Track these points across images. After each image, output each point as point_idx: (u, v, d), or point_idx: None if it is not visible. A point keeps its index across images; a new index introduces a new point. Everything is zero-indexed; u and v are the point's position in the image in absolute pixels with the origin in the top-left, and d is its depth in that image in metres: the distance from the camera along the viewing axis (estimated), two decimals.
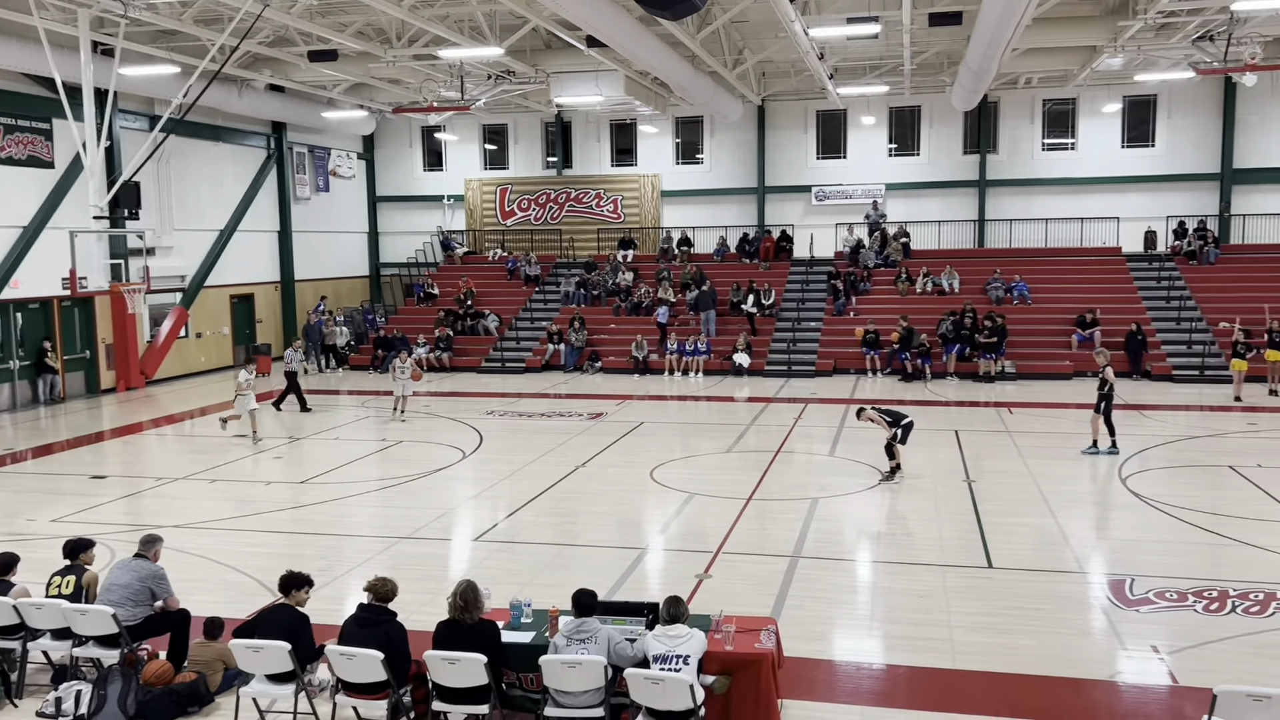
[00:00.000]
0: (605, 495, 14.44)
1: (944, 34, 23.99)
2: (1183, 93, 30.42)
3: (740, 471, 15.82)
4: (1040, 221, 31.84)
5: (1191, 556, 11.20)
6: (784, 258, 32.40)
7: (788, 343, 27.99)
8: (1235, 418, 19.97)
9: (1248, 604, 9.61)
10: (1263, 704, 6.07)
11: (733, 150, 34.16)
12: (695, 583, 10.52)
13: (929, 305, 28.40)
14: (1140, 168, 31.22)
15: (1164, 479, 14.96)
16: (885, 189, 32.81)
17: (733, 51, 26.21)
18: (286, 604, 7.63)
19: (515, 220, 35.91)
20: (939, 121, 32.44)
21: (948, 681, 8.18)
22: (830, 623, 9.50)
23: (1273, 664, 8.31)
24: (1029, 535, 12.17)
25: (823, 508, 13.52)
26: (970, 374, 25.65)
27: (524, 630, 7.59)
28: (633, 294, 30.89)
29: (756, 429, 19.57)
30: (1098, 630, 9.21)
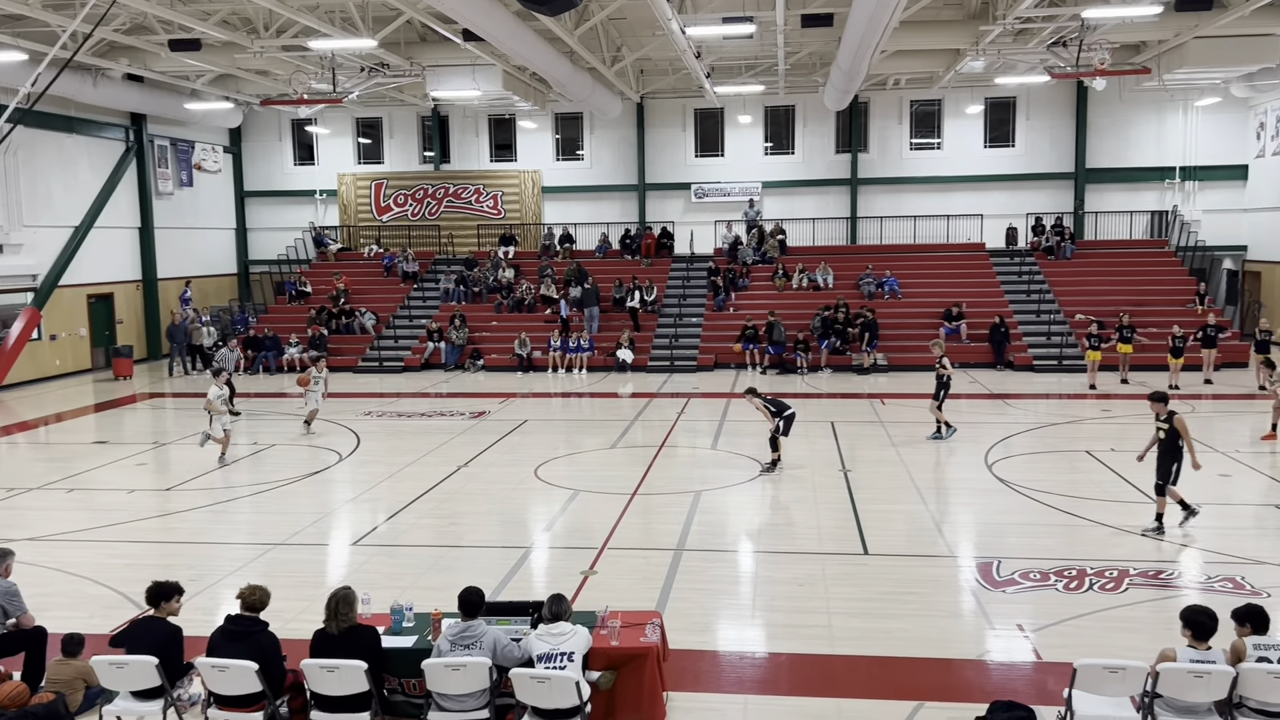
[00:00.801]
0: (488, 495, 14.28)
1: (816, 35, 24.57)
2: (1040, 95, 31.91)
3: (625, 467, 15.87)
4: (909, 219, 32.93)
5: (1052, 538, 11.75)
6: (665, 254, 32.67)
7: (670, 338, 28.23)
8: (1090, 405, 21.07)
9: (1104, 581, 10.15)
10: (1118, 675, 6.42)
11: (613, 147, 34.23)
12: (581, 579, 10.50)
13: (805, 300, 29.05)
14: (1001, 167, 32.61)
15: (1026, 464, 15.67)
16: (762, 187, 33.41)
17: (611, 49, 26.27)
18: (157, 616, 7.29)
19: (391, 216, 35.17)
20: (812, 121, 33.21)
21: (827, 666, 8.38)
22: (714, 614, 9.62)
23: (1127, 637, 8.78)
24: (902, 522, 12.57)
25: (705, 500, 13.68)
26: (844, 367, 26.37)
27: (405, 635, 7.44)
28: (514, 291, 30.66)
29: (640, 424, 19.67)
30: (968, 611, 9.58)
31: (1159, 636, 7.81)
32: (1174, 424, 11.60)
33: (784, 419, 15.11)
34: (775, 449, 15.23)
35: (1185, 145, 31.65)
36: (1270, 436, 16.67)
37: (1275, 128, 29.86)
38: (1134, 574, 10.34)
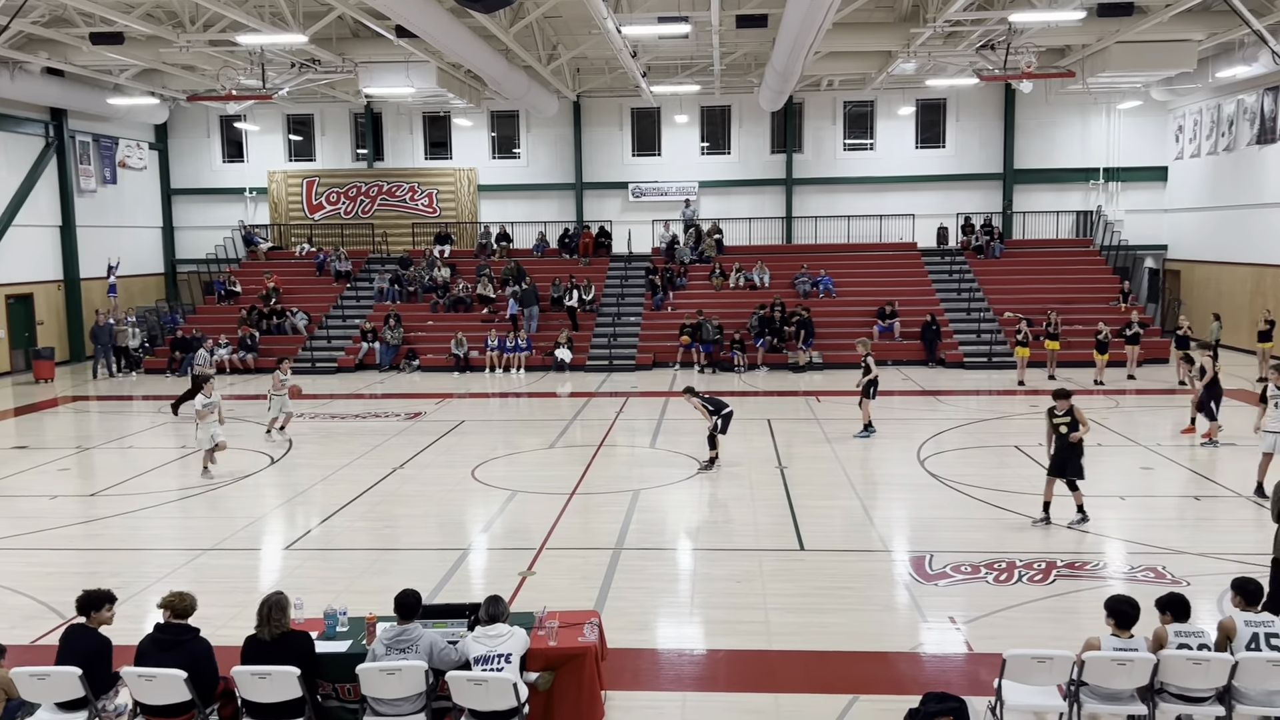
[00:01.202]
0: (425, 496, 14.14)
1: (751, 35, 24.75)
2: (969, 98, 32.54)
3: (563, 467, 15.83)
4: (843, 219, 33.35)
5: (983, 531, 12.00)
6: (603, 254, 32.65)
7: (608, 338, 28.23)
8: (1019, 401, 21.54)
9: (1032, 573, 10.39)
10: (1045, 664, 6.58)
11: (550, 145, 34.11)
12: (519, 580, 10.45)
13: (741, 299, 29.26)
14: (932, 167, 33.20)
15: (958, 460, 15.97)
16: (699, 186, 33.56)
17: (547, 47, 26.16)
18: (86, 626, 7.07)
19: (324, 214, 34.61)
20: (748, 121, 33.46)
21: (765, 662, 8.45)
22: (652, 612, 9.64)
23: (1055, 627, 9.00)
24: (838, 517, 12.73)
25: (644, 499, 13.70)
26: (780, 365, 26.62)
27: (339, 639, 7.33)
28: (451, 290, 30.39)
29: (579, 424, 19.63)
30: (902, 605, 9.73)
31: (1085, 626, 8.01)
32: (1074, 416, 11.86)
33: (722, 417, 15.20)
34: (713, 446, 15.31)
35: (1108, 147, 32.56)
36: (1190, 430, 17.20)
37: (1193, 131, 30.86)
38: (1061, 565, 10.60)
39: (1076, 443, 11.83)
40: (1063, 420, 11.94)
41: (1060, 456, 11.95)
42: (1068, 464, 11.91)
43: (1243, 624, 6.70)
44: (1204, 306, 29.01)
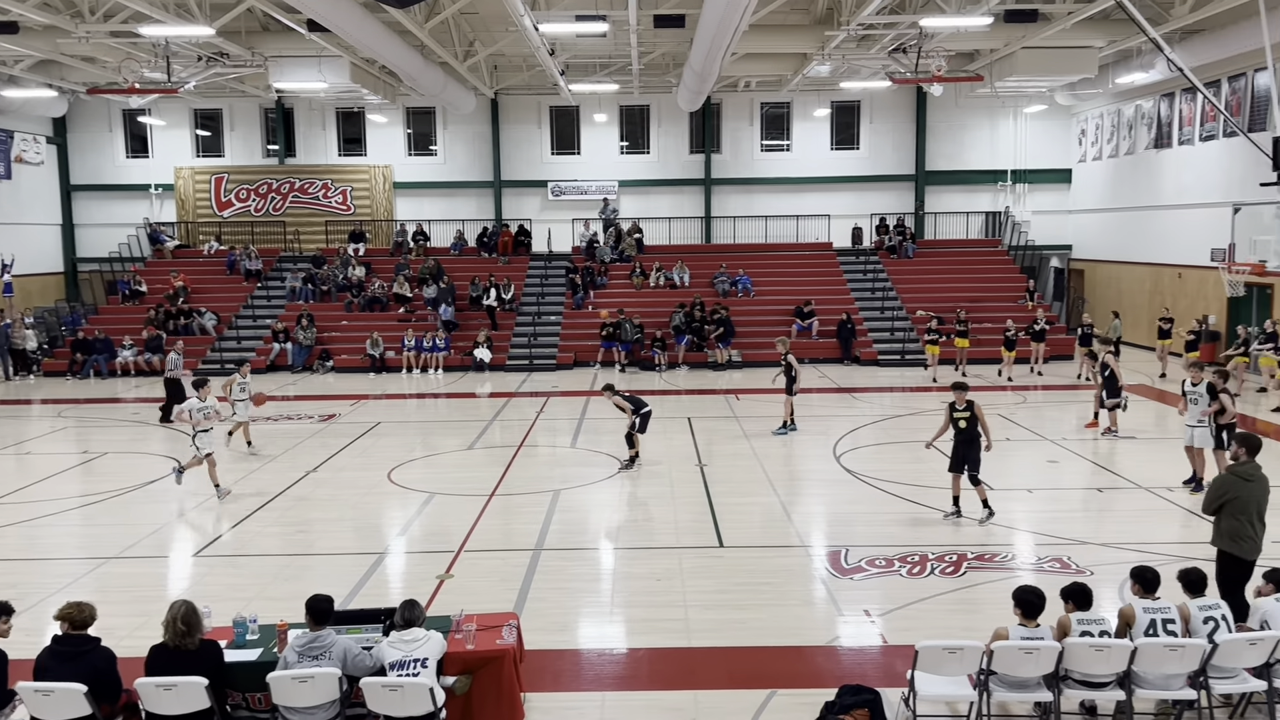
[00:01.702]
0: (339, 500, 13.86)
1: (669, 35, 24.85)
2: (882, 100, 33.18)
3: (483, 468, 15.68)
4: (761, 219, 33.72)
5: (897, 525, 12.23)
6: (523, 252, 32.45)
7: (528, 337, 28.06)
8: (931, 397, 22.02)
9: (944, 565, 10.63)
10: (956, 655, 6.73)
11: (467, 143, 33.77)
12: (437, 584, 10.31)
13: (662, 298, 29.37)
14: (847, 169, 33.76)
15: (872, 455, 16.26)
16: (618, 185, 33.58)
17: (463, 43, 25.90)
18: None
19: (233, 211, 33.71)
20: (667, 121, 33.60)
21: (684, 659, 8.48)
22: (573, 612, 9.60)
23: (966, 618, 9.21)
24: (757, 514, 12.85)
25: (565, 499, 13.65)
26: (700, 364, 26.80)
27: (250, 648, 7.14)
28: (366, 289, 29.88)
29: (499, 424, 19.47)
30: (819, 599, 9.86)
31: (994, 616, 8.21)
32: (974, 411, 12.16)
33: (640, 416, 15.22)
34: (632, 445, 15.32)
35: (1015, 150, 33.52)
36: (1093, 424, 17.80)
37: (1095, 135, 31.96)
38: (971, 558, 10.86)
39: (976, 438, 12.11)
40: (962, 415, 12.21)
41: (958, 451, 12.25)
42: (965, 458, 12.19)
43: (1141, 611, 6.95)
44: (1106, 305, 30.08)
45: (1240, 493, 8.15)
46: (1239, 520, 8.12)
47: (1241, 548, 8.14)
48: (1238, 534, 8.13)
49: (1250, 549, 8.16)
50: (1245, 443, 8.32)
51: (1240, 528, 8.12)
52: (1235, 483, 8.20)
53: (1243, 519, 8.11)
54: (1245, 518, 8.11)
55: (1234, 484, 8.21)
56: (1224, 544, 8.24)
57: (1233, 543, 8.15)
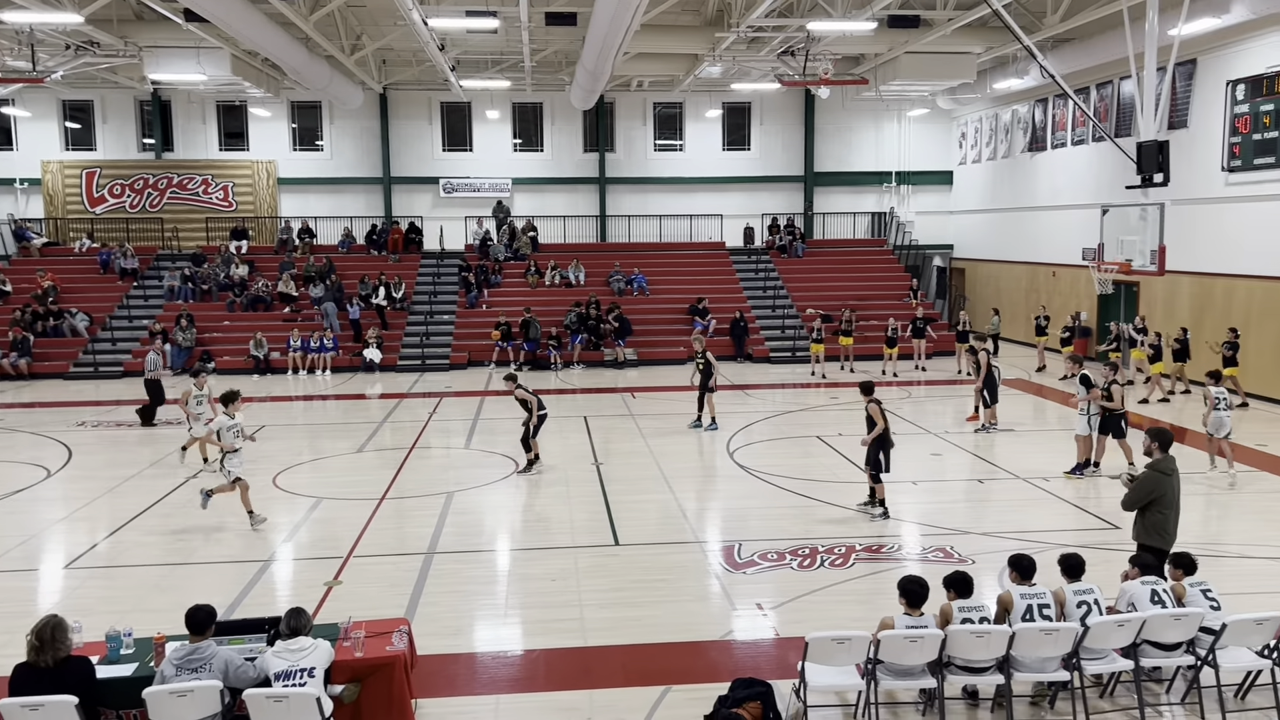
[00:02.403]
0: (222, 506, 13.36)
1: (561, 33, 24.78)
2: (772, 102, 33.74)
3: (373, 471, 15.35)
4: (655, 218, 33.91)
5: (788, 519, 12.45)
6: (414, 250, 31.91)
7: (421, 337, 27.61)
8: (820, 393, 22.52)
9: (833, 558, 10.86)
10: (845, 645, 6.88)
11: (355, 138, 33.02)
12: (325, 591, 10.04)
13: (557, 297, 29.26)
14: (739, 169, 34.23)
15: (764, 451, 16.52)
16: (512, 183, 33.32)
17: (350, 37, 25.34)
18: None
19: (106, 208, 32.24)
20: (560, 119, 33.48)
21: (581, 659, 8.46)
22: (466, 616, 9.47)
23: (854, 609, 9.42)
24: (652, 511, 12.90)
25: (459, 501, 13.47)
26: (596, 362, 26.81)
27: (125, 663, 6.82)
28: (249, 288, 28.95)
29: (390, 426, 19.11)
30: (713, 594, 9.96)
31: (882, 606, 8.42)
32: (867, 409, 12.39)
33: (538, 417, 15.03)
34: (530, 449, 15.09)
35: (900, 152, 34.51)
36: (973, 418, 18.43)
37: (974, 138, 33.14)
38: (859, 549, 11.13)
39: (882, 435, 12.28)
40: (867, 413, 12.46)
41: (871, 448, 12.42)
42: (868, 454, 12.47)
43: (1018, 597, 7.22)
44: (986, 302, 31.20)
45: (1164, 489, 8.47)
46: (1163, 514, 8.47)
47: (1165, 540, 8.47)
48: (1162, 528, 8.47)
49: (1171, 540, 8.50)
50: (1158, 438, 8.63)
51: (1164, 521, 8.47)
52: (1158, 479, 8.49)
53: (1167, 513, 8.47)
54: (1169, 511, 8.47)
55: (1158, 480, 8.48)
56: (1148, 538, 8.49)
57: (1158, 537, 8.45)
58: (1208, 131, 21.59)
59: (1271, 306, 19.95)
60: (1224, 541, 11.30)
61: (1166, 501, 8.47)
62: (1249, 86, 20.33)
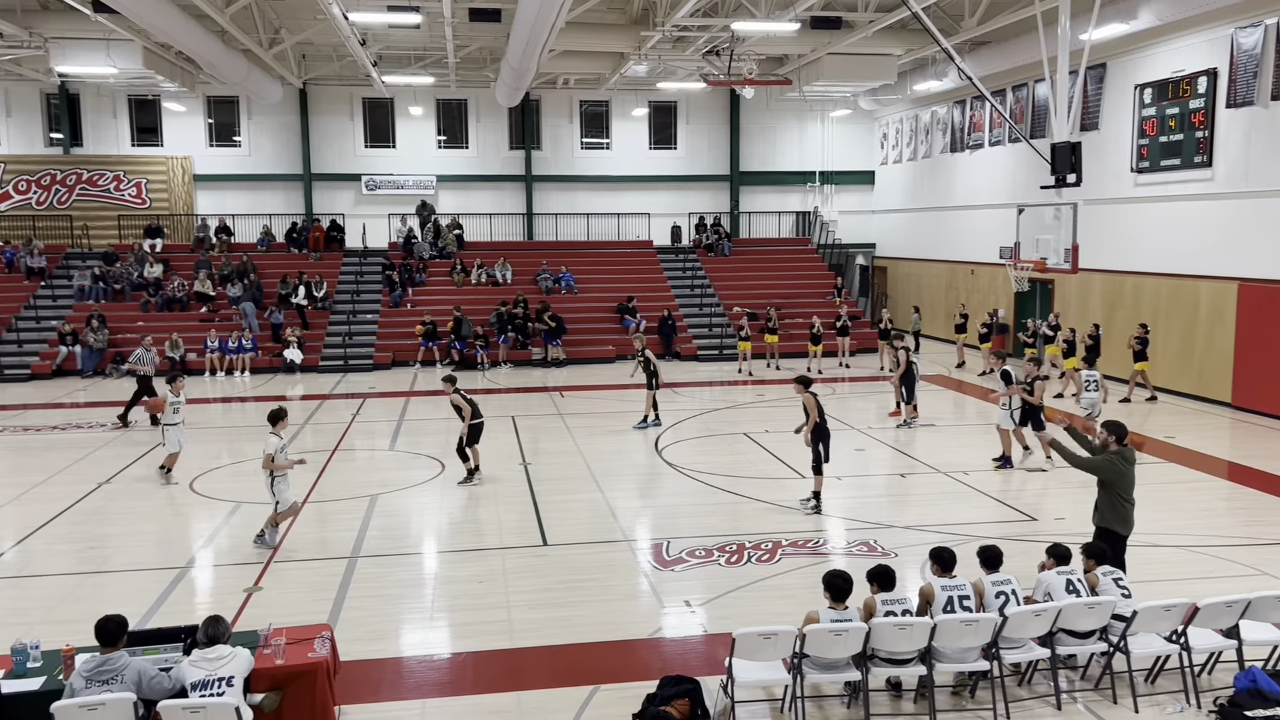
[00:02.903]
0: (137, 513, 12.98)
1: (485, 30, 24.56)
2: (698, 101, 33.92)
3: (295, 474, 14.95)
4: (582, 216, 33.84)
5: (716, 516, 12.52)
6: (335, 248, 31.34)
7: (343, 336, 27.14)
8: (748, 391, 22.71)
9: (760, 553, 10.96)
10: (771, 640, 6.93)
11: (274, 134, 32.32)
12: (244, 597, 9.80)
13: (484, 296, 29.02)
14: (666, 168, 34.35)
15: (693, 448, 16.59)
16: (437, 180, 32.95)
17: (268, 30, 24.77)
18: None
19: (11, 204, 31.03)
20: (486, 116, 33.21)
21: (509, 661, 8.39)
22: (392, 620, 9.33)
23: (781, 604, 9.50)
24: (581, 511, 12.87)
25: (383, 503, 13.27)
26: (524, 361, 26.66)
27: (31, 677, 6.57)
28: (164, 288, 28.13)
29: (312, 428, 18.74)
30: (642, 593, 9.97)
31: (808, 601, 8.52)
32: (803, 403, 12.58)
33: (470, 426, 14.21)
34: (466, 458, 14.29)
35: (823, 152, 34.99)
36: (895, 414, 18.77)
37: (895, 139, 33.74)
38: (786, 545, 11.24)
39: (820, 429, 12.44)
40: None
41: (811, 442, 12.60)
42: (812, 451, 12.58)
43: (939, 589, 7.36)
44: (907, 300, 31.81)
45: (1126, 474, 8.73)
46: (1125, 502, 8.72)
47: (1126, 525, 8.76)
48: (1123, 515, 8.73)
49: (1130, 525, 8.80)
50: (1114, 431, 8.88)
51: (1126, 509, 8.72)
52: (1120, 464, 8.74)
53: (1126, 500, 8.72)
54: (1127, 498, 8.72)
55: (1114, 465, 8.73)
56: (1110, 523, 8.75)
57: (1120, 522, 8.74)
58: (1117, 134, 22.31)
59: (1178, 304, 20.70)
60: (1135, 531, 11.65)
61: (1126, 488, 8.74)
62: (1155, 90, 21.06)
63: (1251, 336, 18.74)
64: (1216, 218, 19.69)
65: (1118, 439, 8.80)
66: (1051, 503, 13.06)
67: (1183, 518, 12.21)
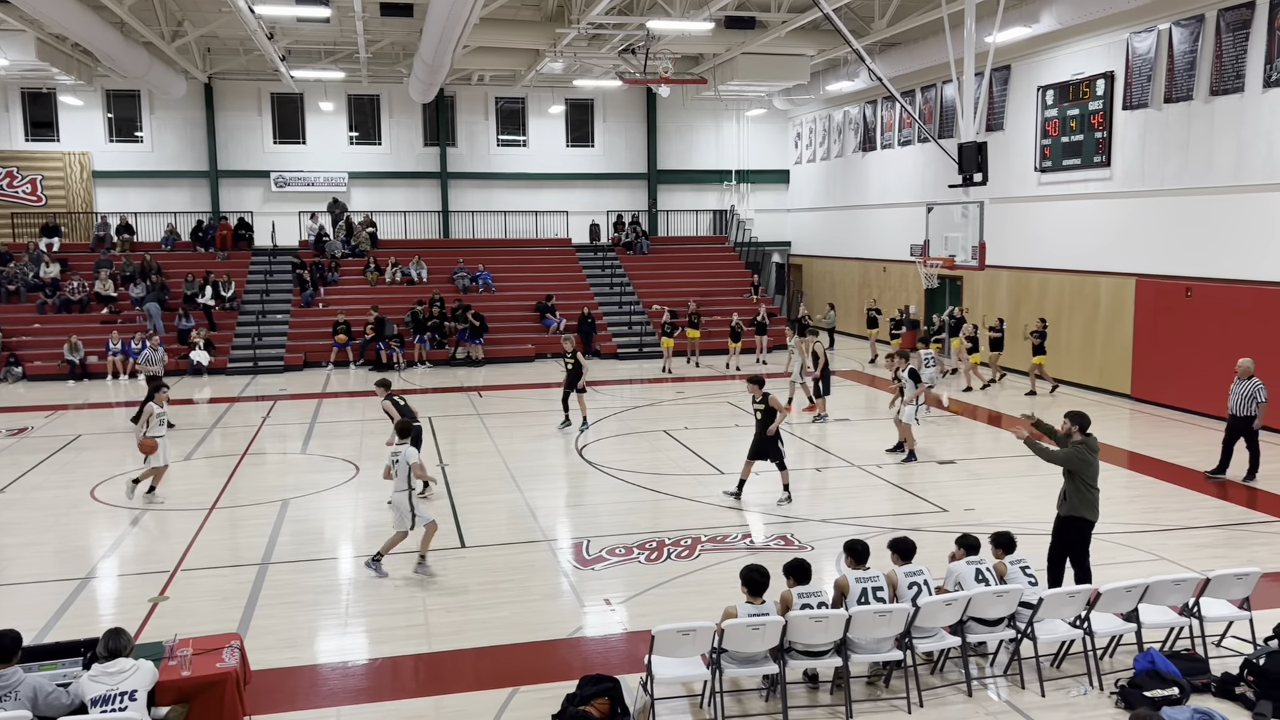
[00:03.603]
0: (34, 522, 12.46)
1: (398, 24, 24.20)
2: (615, 99, 33.92)
3: (202, 479, 14.60)
4: (500, 214, 33.57)
5: (636, 514, 12.54)
6: (244, 247, 30.53)
7: (252, 337, 26.45)
8: (667, 388, 22.79)
9: (680, 550, 11.00)
10: (690, 636, 6.96)
11: (179, 129, 31.33)
12: (149, 608, 9.48)
13: (399, 295, 28.59)
14: (583, 166, 34.27)
15: (613, 447, 16.58)
16: (349, 177, 32.34)
17: (170, 23, 24.02)
18: None
19: None
20: (399, 112, 32.70)
21: (427, 665, 8.27)
22: (305, 627, 9.11)
23: (701, 599, 9.56)
24: (500, 512, 12.76)
25: (295, 508, 12.97)
26: (442, 361, 26.34)
27: None
28: (61, 288, 27.05)
29: (220, 431, 18.23)
30: (562, 592, 9.92)
31: (727, 595, 8.57)
32: (769, 404, 12.63)
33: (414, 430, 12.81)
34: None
35: (739, 151, 35.30)
36: (811, 409, 19.04)
37: (809, 138, 34.22)
38: (705, 540, 11.31)
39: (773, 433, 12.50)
40: (758, 406, 12.64)
41: (758, 442, 12.69)
42: (766, 449, 12.65)
43: (854, 581, 7.48)
44: (823, 297, 32.32)
45: (1091, 462, 8.97)
46: (1091, 489, 8.96)
47: (1095, 512, 9.02)
48: (1091, 501, 8.98)
49: (1097, 512, 9.05)
50: (1077, 420, 9.10)
51: (1093, 495, 8.98)
52: (1086, 453, 8.97)
53: (1092, 488, 8.97)
54: (1093, 485, 8.97)
55: (1085, 454, 8.96)
56: (1079, 511, 8.98)
57: (1088, 509, 8.99)
58: (1022, 134, 22.98)
59: (1080, 299, 21.41)
60: (1039, 520, 12.01)
61: (1093, 476, 8.99)
62: (1057, 92, 21.74)
63: (1149, 331, 19.48)
64: (1115, 216, 20.42)
65: (1081, 428, 9.07)
66: (960, 494, 13.39)
67: None
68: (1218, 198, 17.85)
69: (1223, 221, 17.82)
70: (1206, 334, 17.93)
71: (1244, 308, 17.23)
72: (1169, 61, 18.62)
